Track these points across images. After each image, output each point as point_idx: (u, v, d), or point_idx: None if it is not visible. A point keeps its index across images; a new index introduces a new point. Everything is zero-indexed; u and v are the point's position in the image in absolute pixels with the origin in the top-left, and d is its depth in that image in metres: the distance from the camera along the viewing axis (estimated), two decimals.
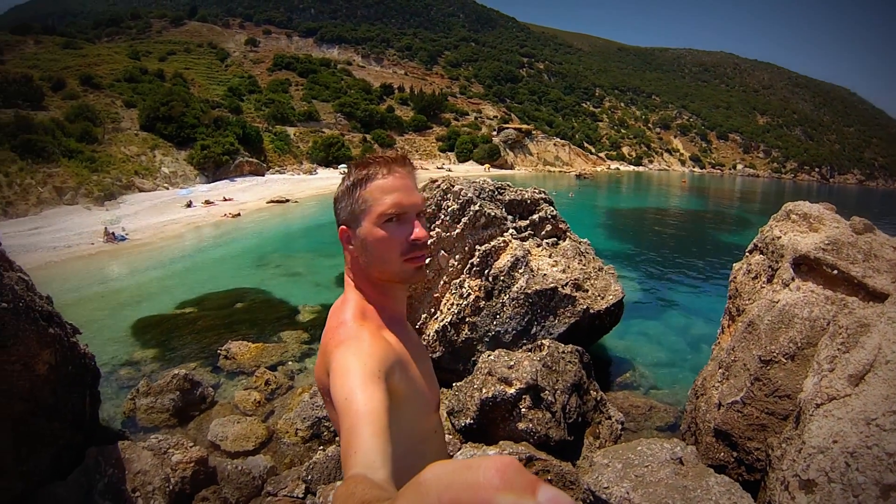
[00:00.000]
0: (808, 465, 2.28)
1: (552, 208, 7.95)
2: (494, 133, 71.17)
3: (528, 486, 0.36)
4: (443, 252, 6.75)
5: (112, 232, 17.06)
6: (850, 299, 3.55)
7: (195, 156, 32.62)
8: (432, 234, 6.68)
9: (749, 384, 3.65)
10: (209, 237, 18.99)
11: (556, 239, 7.80)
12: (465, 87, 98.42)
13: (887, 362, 2.50)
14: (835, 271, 3.71)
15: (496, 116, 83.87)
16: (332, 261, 14.55)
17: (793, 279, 3.95)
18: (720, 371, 4.23)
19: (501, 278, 6.60)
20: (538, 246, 7.35)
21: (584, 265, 7.43)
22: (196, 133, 34.15)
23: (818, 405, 2.55)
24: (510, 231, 7.10)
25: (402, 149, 58.35)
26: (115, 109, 34.70)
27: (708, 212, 36.59)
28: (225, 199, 26.33)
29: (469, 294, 6.56)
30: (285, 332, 9.13)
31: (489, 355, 5.47)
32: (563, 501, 0.36)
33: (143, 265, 14.47)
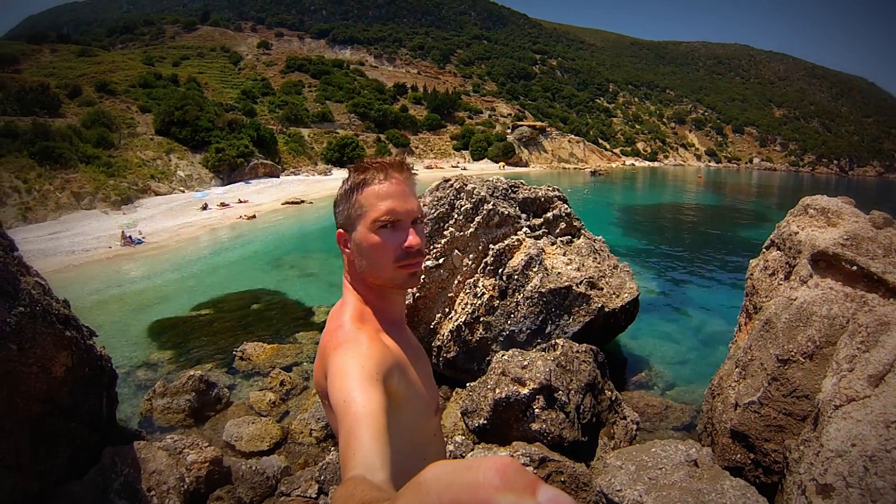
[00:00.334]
0: (826, 469, 2.22)
1: (566, 206, 7.89)
2: (508, 131, 70.94)
3: (528, 486, 0.36)
4: (457, 251, 6.73)
5: (129, 235, 17.32)
6: (869, 296, 3.46)
7: (210, 159, 32.97)
8: (445, 233, 6.68)
9: (766, 384, 3.58)
10: (225, 239, 19.18)
11: (570, 237, 7.74)
12: (478, 85, 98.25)
13: None
14: (854, 267, 3.62)
15: (510, 114, 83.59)
16: None
17: (811, 276, 3.86)
18: (737, 370, 4.15)
19: (515, 277, 6.56)
20: (552, 244, 7.30)
21: (598, 263, 7.37)
22: (210, 136, 34.49)
23: (837, 406, 2.49)
24: (524, 229, 7.06)
25: (417, 147, 58.64)
26: (130, 115, 35.17)
27: (724, 207, 36.10)
28: (240, 202, 26.54)
29: (483, 293, 6.54)
30: (300, 333, 9.19)
31: (503, 355, 5.45)
32: (563, 501, 0.36)
33: (159, 268, 14.66)
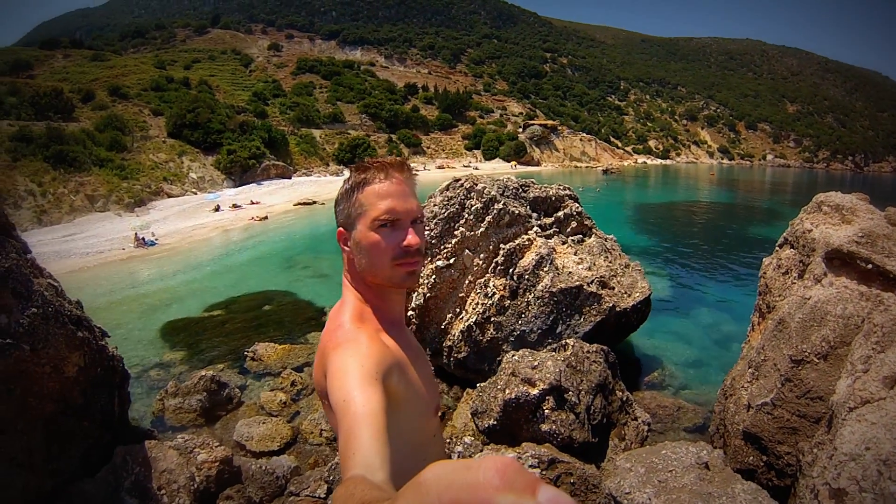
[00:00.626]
0: (839, 473, 2.17)
1: (577, 205, 7.84)
2: (520, 130, 70.76)
3: (528, 486, 0.36)
4: (467, 251, 6.71)
5: (142, 237, 17.53)
6: (885, 295, 3.38)
7: (222, 161, 33.26)
8: (456, 233, 6.67)
9: (779, 385, 3.52)
10: (237, 240, 19.32)
11: (581, 236, 7.69)
12: (489, 84, 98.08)
13: None
14: (869, 265, 3.54)
15: (521, 113, 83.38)
16: None
17: (825, 274, 3.79)
18: (749, 371, 4.09)
19: (526, 277, 6.53)
20: (563, 243, 7.26)
21: (610, 262, 7.32)
22: (222, 138, 34.79)
23: (851, 409, 2.43)
24: (535, 229, 7.02)
25: (429, 147, 58.74)
26: (142, 118, 35.59)
27: (737, 205, 35.71)
28: (252, 203, 26.74)
29: (494, 293, 6.52)
30: (312, 334, 9.23)
31: (513, 355, 5.42)
32: (563, 501, 0.36)
33: (172, 269, 14.81)
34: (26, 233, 17.77)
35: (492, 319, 6.46)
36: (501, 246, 6.74)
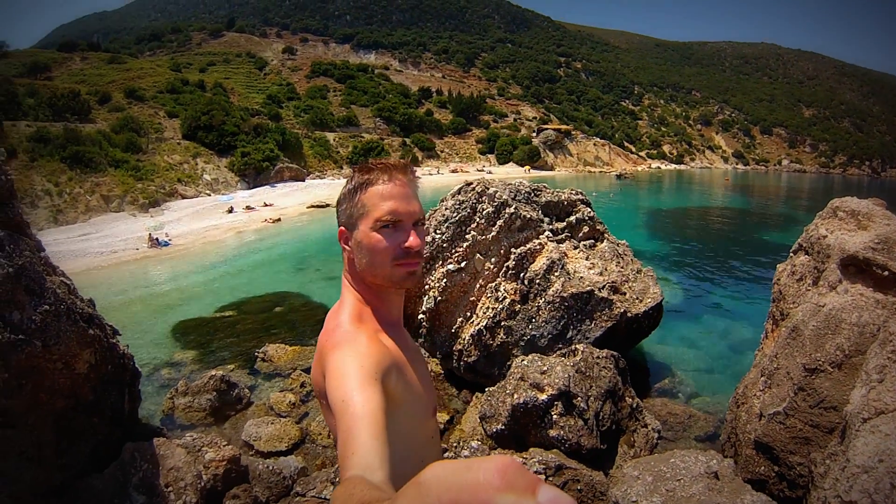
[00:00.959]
0: (851, 486, 2.11)
1: (589, 209, 7.79)
2: (534, 134, 70.63)
3: (528, 487, 0.36)
4: (478, 255, 6.69)
5: (156, 237, 17.72)
6: None
7: (236, 163, 33.56)
8: (467, 236, 6.66)
9: (792, 394, 3.45)
10: (250, 242, 19.46)
11: (593, 241, 7.64)
12: (503, 88, 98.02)
13: None
14: (885, 272, 3.47)
15: (535, 117, 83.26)
16: None
17: (840, 281, 3.72)
18: (762, 379, 4.02)
19: (537, 281, 6.48)
20: (575, 248, 7.21)
21: (621, 267, 7.25)
22: (236, 140, 35.13)
23: (865, 419, 2.37)
24: (546, 233, 6.98)
25: (443, 151, 58.87)
26: (158, 120, 36.06)
27: (752, 210, 35.30)
28: (265, 205, 26.92)
29: (505, 297, 6.48)
30: None
31: (522, 360, 5.38)
32: (564, 502, 0.36)
33: (185, 269, 14.95)
34: (43, 231, 18.08)
35: (502, 324, 6.42)
36: (513, 250, 6.71)
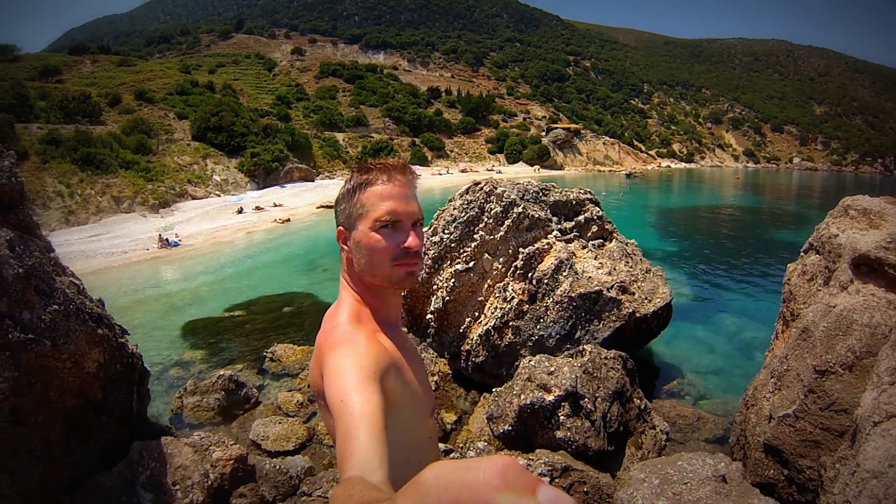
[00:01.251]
0: (861, 491, 2.07)
1: (598, 209, 7.74)
2: (543, 133, 70.49)
3: (528, 487, 0.36)
4: (487, 255, 6.67)
5: (166, 238, 17.86)
6: None
7: (245, 163, 33.76)
8: (476, 236, 6.65)
9: (802, 396, 3.40)
10: (259, 242, 19.56)
11: (602, 240, 7.59)
12: (512, 87, 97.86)
13: None
14: None
15: (544, 116, 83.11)
16: None
17: (851, 281, 3.66)
18: (772, 381, 3.97)
19: (545, 281, 6.45)
20: (583, 248, 7.17)
21: (630, 267, 7.20)
22: (246, 141, 35.32)
23: (876, 423, 2.33)
24: (554, 233, 6.95)
25: (452, 151, 58.92)
26: (167, 121, 36.34)
27: (762, 209, 34.97)
28: (275, 205, 27.04)
29: (513, 297, 6.46)
30: None
31: (529, 360, 5.36)
32: (563, 502, 0.36)
33: (194, 270, 15.05)
34: (54, 232, 18.31)
35: (510, 324, 6.40)
36: (521, 250, 6.68)
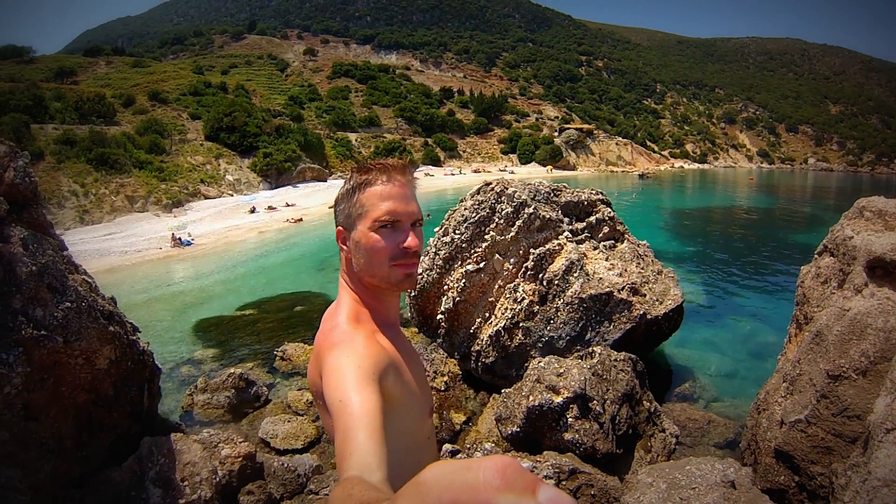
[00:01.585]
0: (871, 500, 2.03)
1: (609, 210, 7.69)
2: (556, 134, 70.30)
3: (527, 486, 0.36)
4: (497, 255, 6.65)
5: (179, 237, 18.04)
6: None
7: (258, 163, 34.01)
8: (486, 237, 6.63)
9: (815, 401, 3.34)
10: (271, 242, 19.69)
11: (613, 241, 7.53)
12: (524, 88, 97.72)
13: None
14: None
15: (557, 117, 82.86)
16: None
17: (866, 284, 3.60)
18: (784, 385, 3.91)
19: (556, 282, 6.42)
20: (594, 249, 7.11)
21: (642, 268, 7.14)
22: (258, 141, 35.59)
23: (888, 430, 2.28)
24: (565, 234, 6.91)
25: (465, 151, 58.98)
26: (181, 122, 36.75)
27: (776, 210, 34.55)
28: (287, 205, 27.18)
29: (523, 298, 6.43)
30: None
31: (539, 362, 5.34)
32: (564, 502, 0.36)
33: (207, 269, 15.18)
34: (69, 231, 18.58)
35: (520, 325, 6.37)
36: (532, 251, 6.65)
